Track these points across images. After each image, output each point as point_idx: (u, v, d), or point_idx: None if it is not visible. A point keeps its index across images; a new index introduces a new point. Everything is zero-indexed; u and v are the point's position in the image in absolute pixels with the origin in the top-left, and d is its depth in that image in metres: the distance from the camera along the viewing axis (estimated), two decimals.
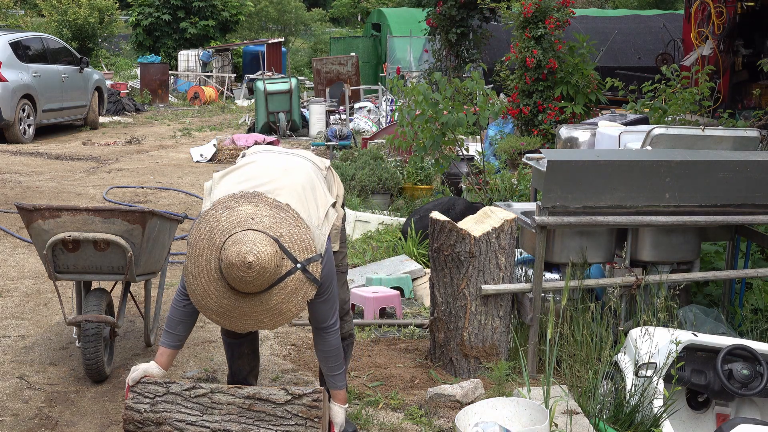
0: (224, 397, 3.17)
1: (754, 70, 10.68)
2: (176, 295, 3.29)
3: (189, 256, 2.99)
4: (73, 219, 3.88)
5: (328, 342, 3.29)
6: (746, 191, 4.35)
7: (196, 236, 2.98)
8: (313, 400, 3.13)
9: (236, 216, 2.95)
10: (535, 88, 9.85)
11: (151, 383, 3.25)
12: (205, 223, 2.98)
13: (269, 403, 3.14)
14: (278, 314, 2.99)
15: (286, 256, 2.93)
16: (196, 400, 3.18)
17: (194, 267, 2.97)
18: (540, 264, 4.24)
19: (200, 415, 3.18)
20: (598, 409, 3.64)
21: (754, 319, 4.82)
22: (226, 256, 2.87)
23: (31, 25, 24.58)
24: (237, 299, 2.95)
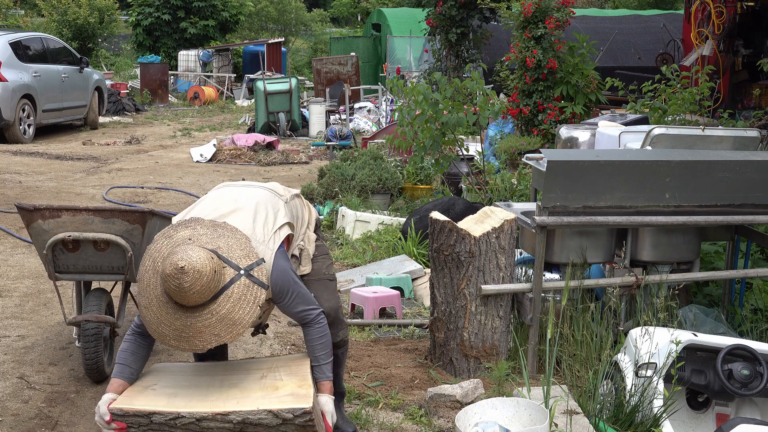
0: (212, 423, 3.07)
1: (754, 70, 10.68)
2: (128, 330, 3.26)
3: (139, 291, 3.04)
4: (73, 219, 3.89)
5: (312, 333, 3.29)
6: (746, 191, 4.35)
7: (142, 270, 3.03)
8: (306, 421, 3.06)
9: (175, 241, 3.01)
10: (535, 88, 9.85)
11: (131, 415, 3.10)
12: (148, 256, 3.04)
13: (261, 426, 3.07)
14: (232, 323, 2.96)
15: (226, 265, 2.96)
16: (183, 427, 3.09)
17: (145, 299, 3.01)
18: (540, 264, 4.24)
19: None
20: (598, 409, 3.64)
21: (754, 319, 4.82)
22: (162, 273, 2.90)
23: (31, 25, 24.58)
24: (188, 316, 2.95)
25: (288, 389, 3.15)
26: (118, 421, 3.06)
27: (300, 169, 11.26)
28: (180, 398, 3.13)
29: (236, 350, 4.58)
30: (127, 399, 3.13)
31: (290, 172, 11.05)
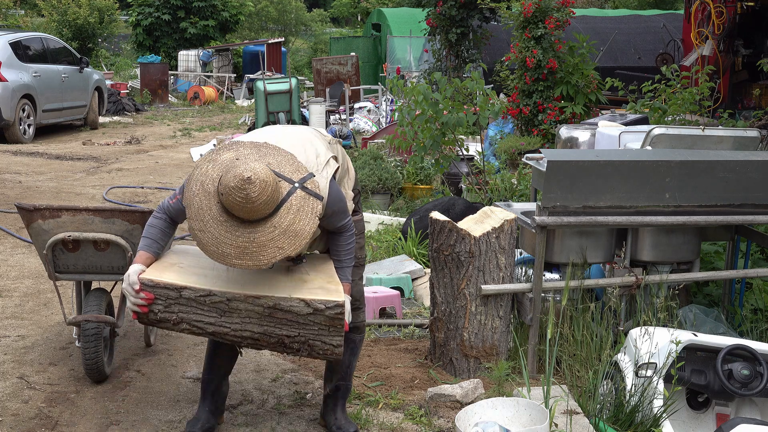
0: (242, 305, 3.08)
1: (754, 70, 10.68)
2: (156, 211, 3.35)
3: (190, 217, 3.00)
4: (73, 219, 3.89)
5: (342, 239, 3.38)
6: (746, 191, 4.35)
7: (190, 196, 3.02)
8: (336, 313, 3.08)
9: (221, 162, 3.01)
10: (535, 88, 9.85)
11: (161, 287, 3.11)
12: (195, 181, 3.03)
13: (291, 313, 3.09)
14: (294, 235, 2.96)
15: (281, 179, 2.99)
16: (212, 305, 3.10)
17: (198, 222, 2.98)
18: (540, 264, 4.24)
19: (218, 317, 3.12)
20: (598, 409, 3.64)
21: (754, 319, 4.82)
22: (224, 188, 2.90)
23: (31, 25, 24.58)
24: (251, 232, 2.94)
25: (317, 283, 3.18)
26: (147, 292, 3.09)
27: None
28: (209, 279, 3.15)
29: None
30: (156, 272, 3.16)
31: None
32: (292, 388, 4.11)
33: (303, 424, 3.72)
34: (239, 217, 2.93)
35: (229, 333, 3.13)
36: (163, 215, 3.35)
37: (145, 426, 3.66)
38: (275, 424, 3.72)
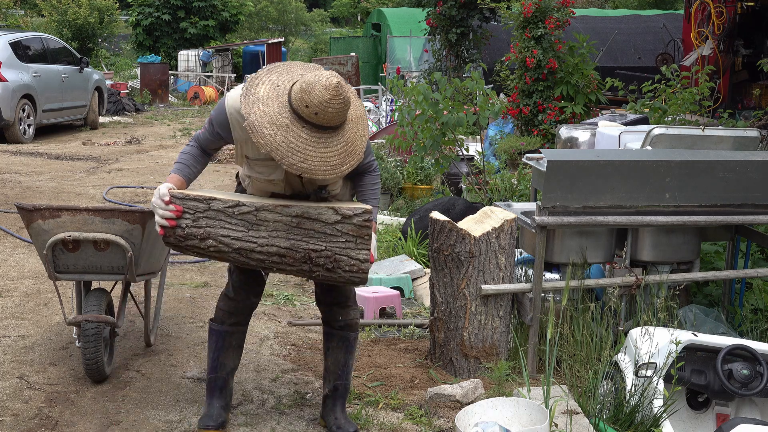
0: (270, 215, 3.10)
1: (754, 70, 10.69)
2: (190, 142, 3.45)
3: (252, 126, 3.01)
4: (73, 219, 3.88)
5: (369, 180, 3.47)
6: (746, 191, 4.35)
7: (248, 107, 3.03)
8: (364, 220, 3.11)
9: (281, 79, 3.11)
10: (535, 88, 9.86)
11: (190, 199, 3.13)
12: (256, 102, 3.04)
13: (318, 222, 3.10)
14: (353, 146, 3.09)
15: None
16: (240, 217, 3.11)
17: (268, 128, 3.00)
18: (540, 264, 4.24)
19: (246, 231, 3.13)
20: (598, 409, 3.64)
21: (754, 319, 4.82)
22: (310, 94, 2.96)
23: (31, 25, 24.59)
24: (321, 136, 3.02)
25: (343, 203, 3.26)
26: (176, 204, 3.13)
27: None
28: (240, 197, 3.24)
29: None
30: (185, 192, 3.24)
31: None
32: (292, 388, 4.11)
33: (303, 424, 3.72)
34: (323, 125, 3.01)
35: (255, 249, 3.12)
36: (195, 143, 3.44)
37: (145, 426, 3.66)
38: (275, 424, 3.72)
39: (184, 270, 6.23)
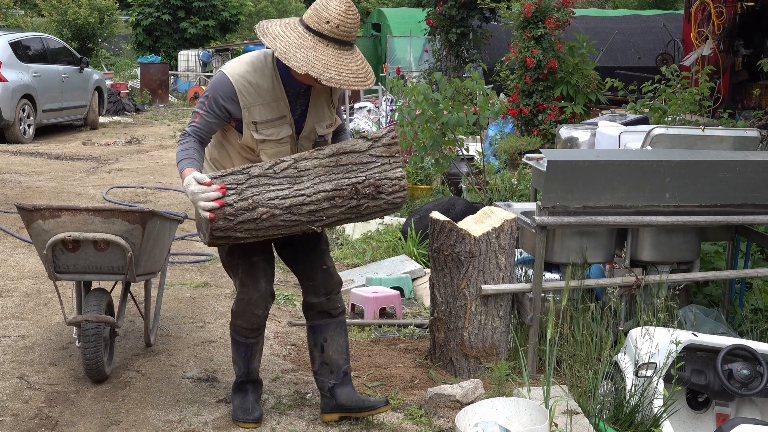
0: (309, 162, 3.21)
1: (754, 70, 10.69)
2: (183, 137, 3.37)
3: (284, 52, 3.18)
4: (73, 219, 3.88)
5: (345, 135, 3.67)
6: (746, 191, 4.35)
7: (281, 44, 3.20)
8: (391, 138, 3.28)
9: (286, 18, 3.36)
10: (535, 88, 9.86)
11: (228, 174, 3.18)
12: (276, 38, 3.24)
13: (353, 153, 3.23)
14: (367, 65, 3.33)
15: None
16: (282, 174, 3.19)
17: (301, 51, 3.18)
18: (540, 264, 4.24)
19: (291, 187, 3.19)
20: (598, 409, 3.64)
21: (754, 319, 4.82)
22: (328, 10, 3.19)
23: (31, 25, 24.59)
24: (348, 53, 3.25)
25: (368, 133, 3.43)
26: (218, 182, 3.16)
27: None
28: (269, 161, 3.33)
29: None
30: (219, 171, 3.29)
31: None
32: (292, 388, 4.11)
33: (303, 424, 3.72)
34: (344, 39, 3.22)
35: (305, 201, 3.19)
36: (191, 137, 3.35)
37: (145, 426, 3.66)
38: (275, 424, 3.72)
39: (184, 270, 6.23)
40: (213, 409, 3.86)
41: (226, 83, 3.35)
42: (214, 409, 3.86)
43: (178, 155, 3.34)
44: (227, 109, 3.35)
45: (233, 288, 5.77)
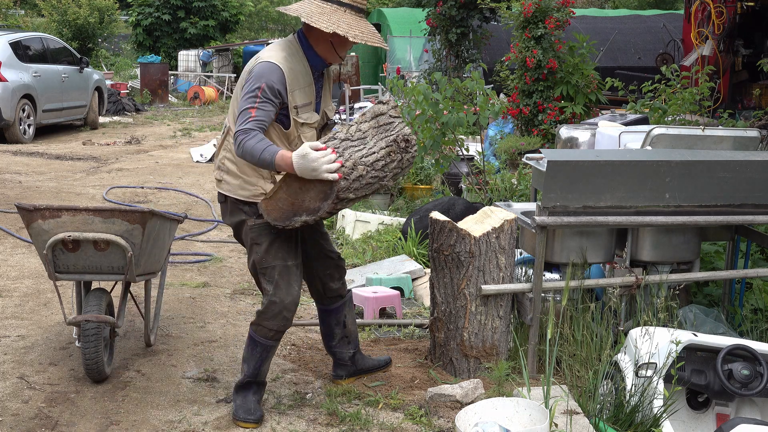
0: (365, 125, 3.50)
1: (754, 70, 10.69)
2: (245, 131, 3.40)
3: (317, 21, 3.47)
4: (73, 219, 3.88)
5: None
6: (746, 191, 4.35)
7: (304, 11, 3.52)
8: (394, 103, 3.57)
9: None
10: (535, 88, 9.85)
11: (328, 140, 3.45)
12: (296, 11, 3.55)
13: (382, 115, 3.53)
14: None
15: None
16: (356, 136, 3.46)
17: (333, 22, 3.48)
18: (540, 264, 4.24)
19: (364, 147, 3.45)
20: (598, 409, 3.64)
21: (754, 319, 4.82)
22: None
23: (31, 25, 24.59)
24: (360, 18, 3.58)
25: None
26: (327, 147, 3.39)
27: None
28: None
29: (236, 350, 4.58)
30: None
31: None
32: (292, 388, 4.11)
33: (303, 424, 3.73)
34: (359, 6, 3.55)
35: (379, 158, 3.45)
36: (255, 132, 3.40)
37: (145, 426, 3.66)
38: (275, 424, 3.72)
39: (184, 270, 6.23)
40: (213, 409, 3.86)
41: (275, 69, 3.47)
42: (214, 409, 3.86)
43: (255, 149, 3.36)
44: (281, 93, 3.48)
45: (233, 288, 5.78)
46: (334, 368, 4.20)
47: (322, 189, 3.42)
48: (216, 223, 7.74)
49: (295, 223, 3.48)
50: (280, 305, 3.64)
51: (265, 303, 3.66)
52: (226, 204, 3.72)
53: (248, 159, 3.41)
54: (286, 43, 3.63)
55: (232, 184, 3.64)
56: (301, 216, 3.47)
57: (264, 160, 3.36)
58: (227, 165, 3.64)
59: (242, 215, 3.65)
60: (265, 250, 3.62)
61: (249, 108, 3.42)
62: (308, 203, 3.45)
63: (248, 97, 3.44)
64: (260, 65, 3.49)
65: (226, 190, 3.66)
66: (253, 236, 3.64)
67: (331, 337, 4.12)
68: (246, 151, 3.38)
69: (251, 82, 3.46)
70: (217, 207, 8.36)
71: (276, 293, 3.63)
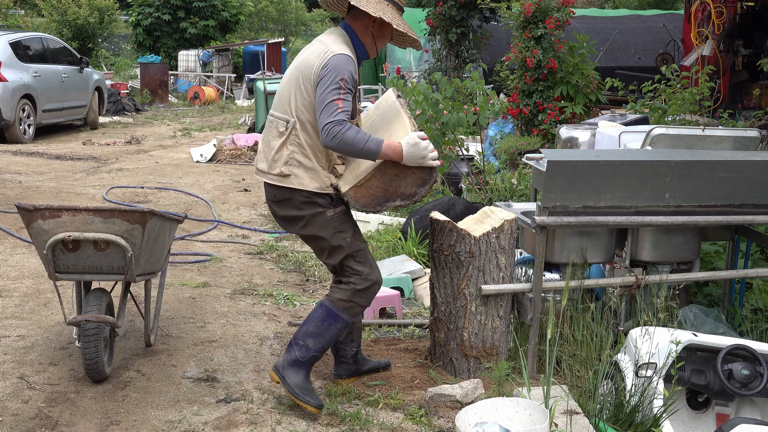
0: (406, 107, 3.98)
1: (754, 70, 10.69)
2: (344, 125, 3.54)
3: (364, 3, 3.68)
4: (73, 219, 3.88)
5: None
6: (746, 191, 4.35)
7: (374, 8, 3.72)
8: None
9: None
10: (535, 88, 9.85)
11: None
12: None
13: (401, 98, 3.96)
14: None
15: None
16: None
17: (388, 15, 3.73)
18: (540, 264, 4.24)
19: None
20: (598, 409, 3.64)
21: (754, 319, 4.82)
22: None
23: (31, 25, 24.60)
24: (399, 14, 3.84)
25: None
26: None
27: None
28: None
29: (236, 350, 4.59)
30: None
31: None
32: None
33: (303, 424, 3.73)
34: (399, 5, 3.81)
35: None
36: (348, 123, 3.57)
37: (145, 426, 3.66)
38: (275, 424, 3.72)
39: (184, 270, 6.23)
40: (213, 409, 3.86)
41: (351, 61, 3.65)
42: (214, 409, 3.86)
43: (357, 139, 3.54)
44: (356, 84, 3.66)
45: (233, 288, 5.78)
46: (336, 366, 4.21)
47: (421, 176, 3.67)
48: (216, 223, 7.74)
49: (385, 209, 3.74)
50: (374, 281, 3.86)
51: (358, 281, 3.81)
52: (290, 200, 3.76)
53: (344, 149, 3.57)
54: (340, 35, 3.78)
55: (304, 177, 3.71)
56: (394, 201, 3.73)
57: (369, 149, 3.55)
58: (298, 158, 3.71)
59: (318, 207, 3.75)
60: (352, 234, 3.82)
61: (335, 100, 3.55)
62: (404, 189, 3.70)
63: (332, 89, 3.56)
64: (336, 58, 3.62)
65: (297, 184, 3.72)
66: (335, 225, 3.78)
67: None
68: (345, 141, 3.52)
69: (331, 74, 3.59)
70: (217, 207, 8.41)
71: (372, 272, 3.84)
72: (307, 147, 3.70)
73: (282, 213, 3.82)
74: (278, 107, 3.78)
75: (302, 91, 3.68)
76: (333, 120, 3.51)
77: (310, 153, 3.70)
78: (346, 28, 3.81)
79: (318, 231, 3.78)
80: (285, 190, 3.74)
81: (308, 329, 3.84)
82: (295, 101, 3.70)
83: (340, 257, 3.82)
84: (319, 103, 3.57)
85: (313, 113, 3.66)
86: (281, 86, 3.83)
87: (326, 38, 3.76)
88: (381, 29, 3.79)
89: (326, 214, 3.75)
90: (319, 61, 3.64)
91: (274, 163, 3.73)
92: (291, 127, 3.71)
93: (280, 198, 3.78)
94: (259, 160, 3.84)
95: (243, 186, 9.72)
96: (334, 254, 3.83)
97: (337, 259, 3.84)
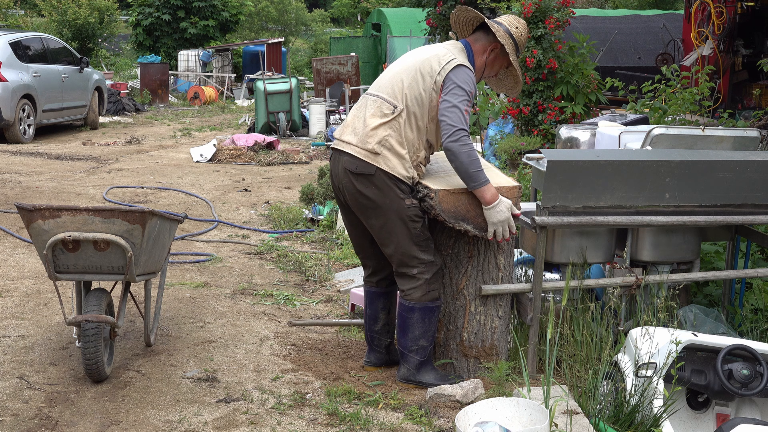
0: None
1: (754, 70, 10.68)
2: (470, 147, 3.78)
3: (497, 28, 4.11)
4: (73, 219, 3.88)
5: None
6: (746, 191, 4.35)
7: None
8: None
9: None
10: (535, 88, 9.85)
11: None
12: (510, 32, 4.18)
13: None
14: None
15: None
16: None
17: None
18: (540, 264, 4.24)
19: None
20: (598, 409, 3.64)
21: (754, 319, 4.82)
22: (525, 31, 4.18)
23: (31, 25, 24.61)
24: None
25: None
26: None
27: (300, 169, 11.26)
28: None
29: (236, 350, 4.59)
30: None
31: (290, 172, 11.05)
32: (292, 388, 4.11)
33: (303, 424, 3.73)
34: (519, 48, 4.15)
35: None
36: (469, 137, 3.79)
37: (145, 426, 3.66)
38: (275, 424, 3.72)
39: (184, 270, 6.23)
40: (213, 409, 3.86)
41: (474, 78, 3.91)
42: (214, 409, 3.86)
43: (473, 161, 3.78)
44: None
45: (233, 288, 5.78)
46: (368, 354, 4.37)
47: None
48: (216, 223, 7.74)
49: (456, 225, 3.90)
50: (441, 266, 4.07)
51: (426, 269, 3.97)
52: (373, 177, 3.87)
53: (460, 158, 3.75)
54: (462, 50, 4.00)
55: (393, 161, 3.85)
56: (467, 223, 3.92)
57: (476, 175, 3.79)
58: (391, 142, 3.85)
59: (397, 191, 3.88)
60: (422, 225, 3.97)
61: (461, 109, 3.77)
62: (481, 221, 3.92)
63: (462, 99, 3.79)
64: (466, 71, 3.86)
65: (385, 165, 3.85)
66: (410, 214, 3.92)
67: (375, 321, 4.30)
68: (467, 153, 3.75)
69: (462, 84, 3.80)
70: (217, 207, 8.41)
71: (436, 259, 4.03)
72: (403, 136, 3.86)
73: (359, 187, 3.92)
74: (385, 90, 3.94)
75: (419, 84, 3.86)
76: (462, 127, 3.73)
77: (405, 142, 3.87)
78: (467, 46, 4.04)
79: (393, 215, 3.90)
80: (370, 166, 3.86)
81: (415, 333, 4.04)
82: (410, 91, 3.87)
83: (404, 246, 3.95)
84: (447, 105, 3.77)
85: (421, 108, 3.85)
86: (391, 72, 4.01)
87: (452, 47, 3.99)
88: (495, 59, 4.06)
89: (405, 202, 3.90)
90: (446, 65, 3.84)
91: (368, 138, 3.87)
92: (397, 113, 3.86)
93: (363, 171, 3.88)
94: (346, 133, 3.96)
95: (243, 186, 9.72)
96: (401, 242, 3.95)
97: (401, 248, 3.96)
